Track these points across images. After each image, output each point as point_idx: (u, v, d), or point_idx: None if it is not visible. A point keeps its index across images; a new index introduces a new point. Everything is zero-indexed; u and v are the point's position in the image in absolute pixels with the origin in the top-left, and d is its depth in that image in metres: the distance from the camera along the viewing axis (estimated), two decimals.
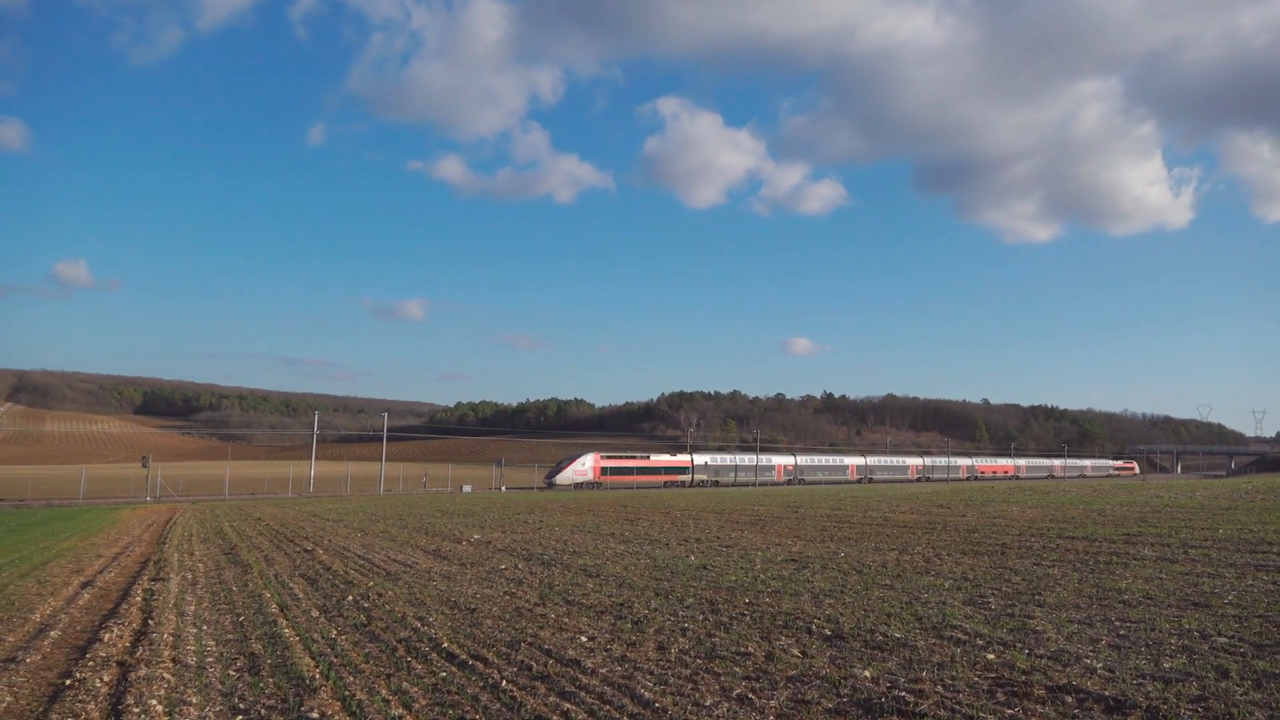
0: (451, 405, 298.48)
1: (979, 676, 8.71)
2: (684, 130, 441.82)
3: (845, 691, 8.26)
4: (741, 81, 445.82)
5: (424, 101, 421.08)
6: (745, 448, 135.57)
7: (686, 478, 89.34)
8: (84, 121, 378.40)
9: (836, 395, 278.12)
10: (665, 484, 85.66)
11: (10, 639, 11.16)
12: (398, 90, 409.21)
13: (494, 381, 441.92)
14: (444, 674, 9.09)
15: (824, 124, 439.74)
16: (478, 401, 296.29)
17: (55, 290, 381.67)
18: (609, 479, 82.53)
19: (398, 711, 7.80)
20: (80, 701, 8.16)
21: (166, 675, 9.10)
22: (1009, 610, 12.33)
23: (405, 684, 8.72)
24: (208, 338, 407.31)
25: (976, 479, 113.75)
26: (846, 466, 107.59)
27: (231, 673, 9.33)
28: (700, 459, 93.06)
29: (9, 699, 8.34)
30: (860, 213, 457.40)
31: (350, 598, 14.16)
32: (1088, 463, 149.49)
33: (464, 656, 9.81)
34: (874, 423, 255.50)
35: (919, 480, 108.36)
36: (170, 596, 14.43)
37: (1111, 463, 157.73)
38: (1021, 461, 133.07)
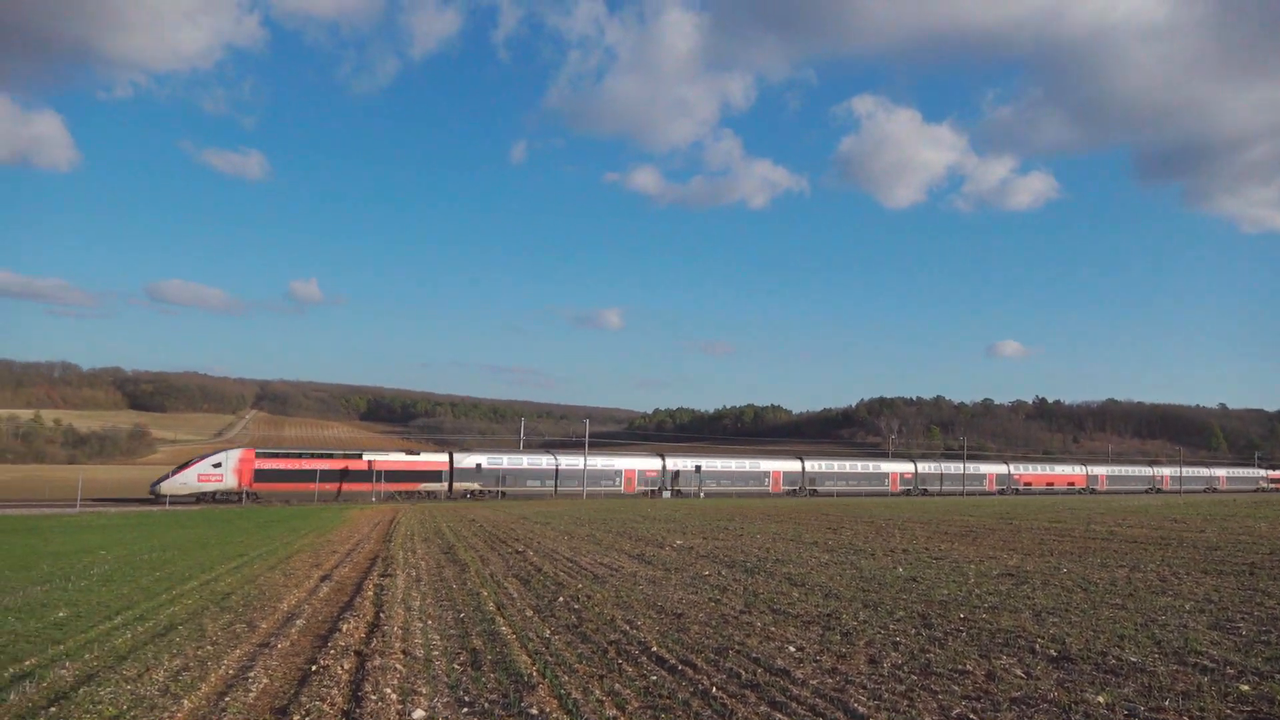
0: (649, 411, 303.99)
1: (1231, 709, 7.95)
2: (880, 129, 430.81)
3: (1077, 718, 7.74)
4: (940, 74, 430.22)
5: (619, 115, 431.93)
6: (951, 455, 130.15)
7: (438, 486, 63.98)
8: (314, 150, 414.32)
9: (1050, 400, 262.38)
10: (400, 494, 61.60)
11: (264, 625, 12.26)
12: (593, 105, 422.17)
13: (691, 388, 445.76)
14: (654, 677, 9.22)
15: (1032, 113, 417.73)
16: (675, 408, 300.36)
17: (291, 307, 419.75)
18: (268, 486, 57.58)
19: (612, 713, 7.97)
20: (325, 686, 8.84)
21: (398, 666, 9.71)
22: (1263, 637, 11.19)
23: (618, 685, 8.90)
24: (423, 348, 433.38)
25: (1017, 492, 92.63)
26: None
27: (456, 666, 9.84)
28: (469, 460, 65.34)
29: (265, 680, 9.15)
30: (1074, 205, 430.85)
31: (561, 599, 14.63)
32: (1221, 472, 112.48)
33: (673, 661, 9.91)
34: (1092, 430, 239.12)
35: (1149, 491, 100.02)
36: (398, 592, 15.41)
37: (1266, 473, 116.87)
38: (1100, 470, 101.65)
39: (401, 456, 64.50)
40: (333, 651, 10.45)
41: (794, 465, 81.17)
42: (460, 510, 45.93)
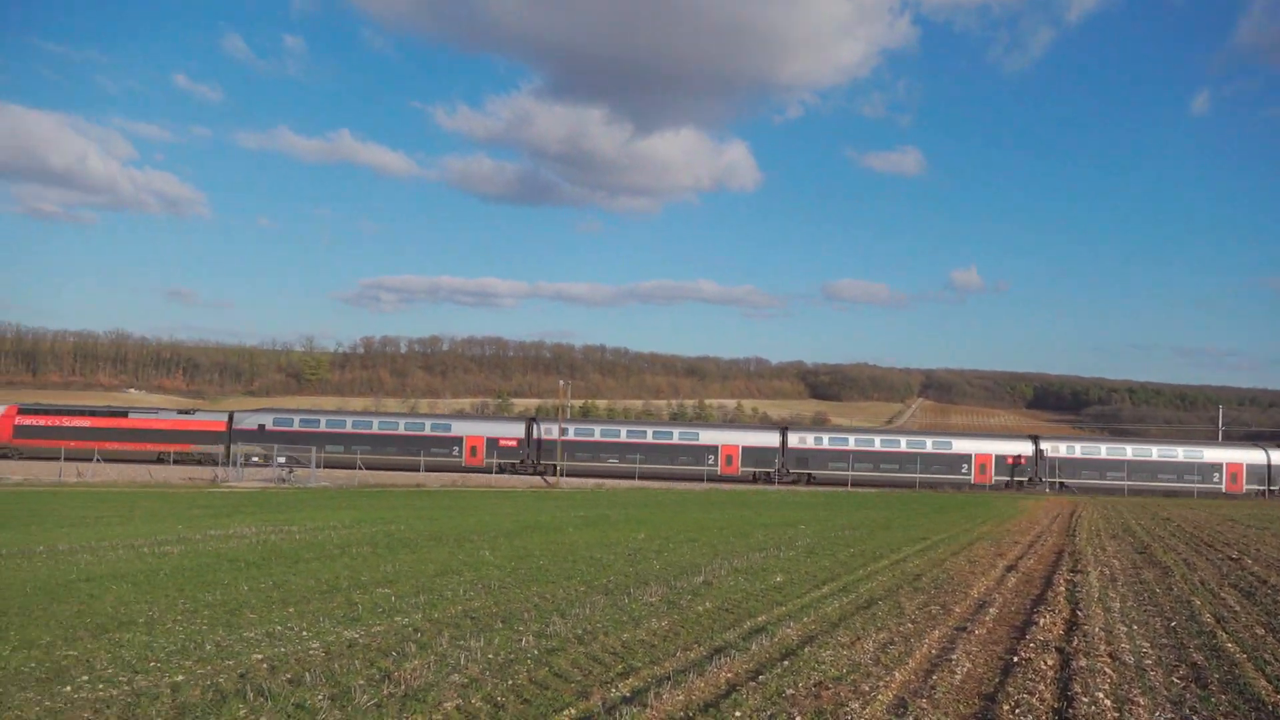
0: None
1: None
2: None
3: None
4: None
5: None
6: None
7: (214, 448, 55.32)
8: (967, 139, 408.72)
9: None
10: (164, 456, 54.36)
11: (957, 610, 12.48)
12: None
13: None
14: None
15: None
16: None
17: (952, 296, 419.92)
18: (30, 443, 54.70)
19: None
20: (1030, 680, 8.65)
21: (1106, 670, 9.09)
22: None
23: None
24: (1093, 331, 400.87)
25: None
26: None
27: (1175, 680, 8.89)
28: (252, 420, 56.61)
29: (968, 664, 9.29)
30: None
31: None
32: None
33: None
34: None
35: None
36: (1092, 590, 14.48)
37: None
38: None
39: (173, 415, 61.26)
40: (1032, 645, 10.19)
41: None
42: (1149, 507, 41.82)
